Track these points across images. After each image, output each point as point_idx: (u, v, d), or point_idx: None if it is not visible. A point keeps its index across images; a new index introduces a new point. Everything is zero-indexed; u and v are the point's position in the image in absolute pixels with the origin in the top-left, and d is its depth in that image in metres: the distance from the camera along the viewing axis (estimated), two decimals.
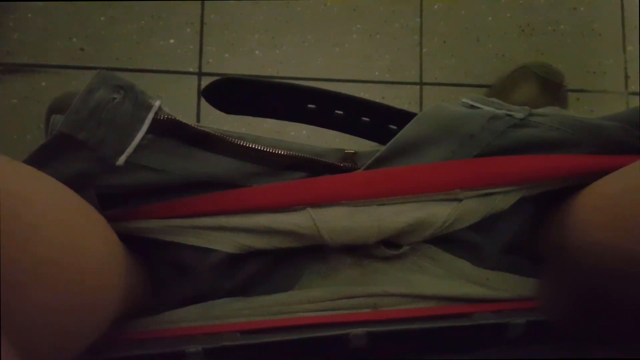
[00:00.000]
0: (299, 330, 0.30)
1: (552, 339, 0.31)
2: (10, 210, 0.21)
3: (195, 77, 0.61)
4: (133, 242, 0.32)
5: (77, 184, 0.29)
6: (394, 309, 0.31)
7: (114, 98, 0.31)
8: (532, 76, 0.59)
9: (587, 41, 0.67)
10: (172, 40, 0.61)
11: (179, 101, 0.60)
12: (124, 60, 0.60)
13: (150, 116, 0.31)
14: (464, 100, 0.36)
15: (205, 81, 0.61)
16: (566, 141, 0.33)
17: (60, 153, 0.30)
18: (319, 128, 0.37)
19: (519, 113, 0.34)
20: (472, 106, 0.35)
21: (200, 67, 0.61)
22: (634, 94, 0.67)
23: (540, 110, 0.35)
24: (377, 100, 0.35)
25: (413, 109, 0.63)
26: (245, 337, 0.29)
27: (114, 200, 0.32)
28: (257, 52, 0.62)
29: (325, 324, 0.30)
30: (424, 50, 0.64)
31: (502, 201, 0.32)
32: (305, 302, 0.32)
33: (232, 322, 0.31)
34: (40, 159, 0.29)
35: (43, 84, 0.59)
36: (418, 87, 0.63)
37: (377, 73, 0.63)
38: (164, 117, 0.31)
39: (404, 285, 0.32)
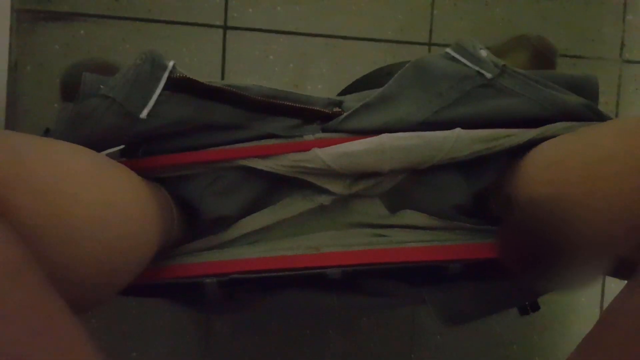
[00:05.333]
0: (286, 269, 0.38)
1: (482, 276, 0.40)
2: (53, 183, 0.26)
3: (221, 30, 0.65)
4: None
5: (110, 136, 0.35)
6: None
7: (137, 62, 0.37)
8: (528, 46, 0.63)
9: (590, 9, 0.71)
10: None
11: (206, 52, 0.65)
12: (155, 12, 0.65)
13: (166, 75, 0.37)
14: (447, 51, 0.42)
15: (230, 34, 0.66)
16: (536, 115, 0.39)
17: (96, 110, 0.36)
18: (333, 83, 0.43)
19: (489, 73, 0.39)
20: (453, 57, 0.41)
21: (225, 21, 0.65)
22: (627, 61, 0.71)
23: (513, 70, 0.41)
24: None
25: None
26: (246, 272, 0.38)
27: (138, 147, 0.38)
28: (278, 8, 0.66)
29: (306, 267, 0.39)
30: (435, 12, 0.68)
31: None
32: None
33: (237, 259, 0.39)
34: (80, 117, 0.36)
35: (82, 32, 0.64)
36: (427, 47, 0.68)
37: (389, 32, 0.68)
38: (177, 75, 0.37)
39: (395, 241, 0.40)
